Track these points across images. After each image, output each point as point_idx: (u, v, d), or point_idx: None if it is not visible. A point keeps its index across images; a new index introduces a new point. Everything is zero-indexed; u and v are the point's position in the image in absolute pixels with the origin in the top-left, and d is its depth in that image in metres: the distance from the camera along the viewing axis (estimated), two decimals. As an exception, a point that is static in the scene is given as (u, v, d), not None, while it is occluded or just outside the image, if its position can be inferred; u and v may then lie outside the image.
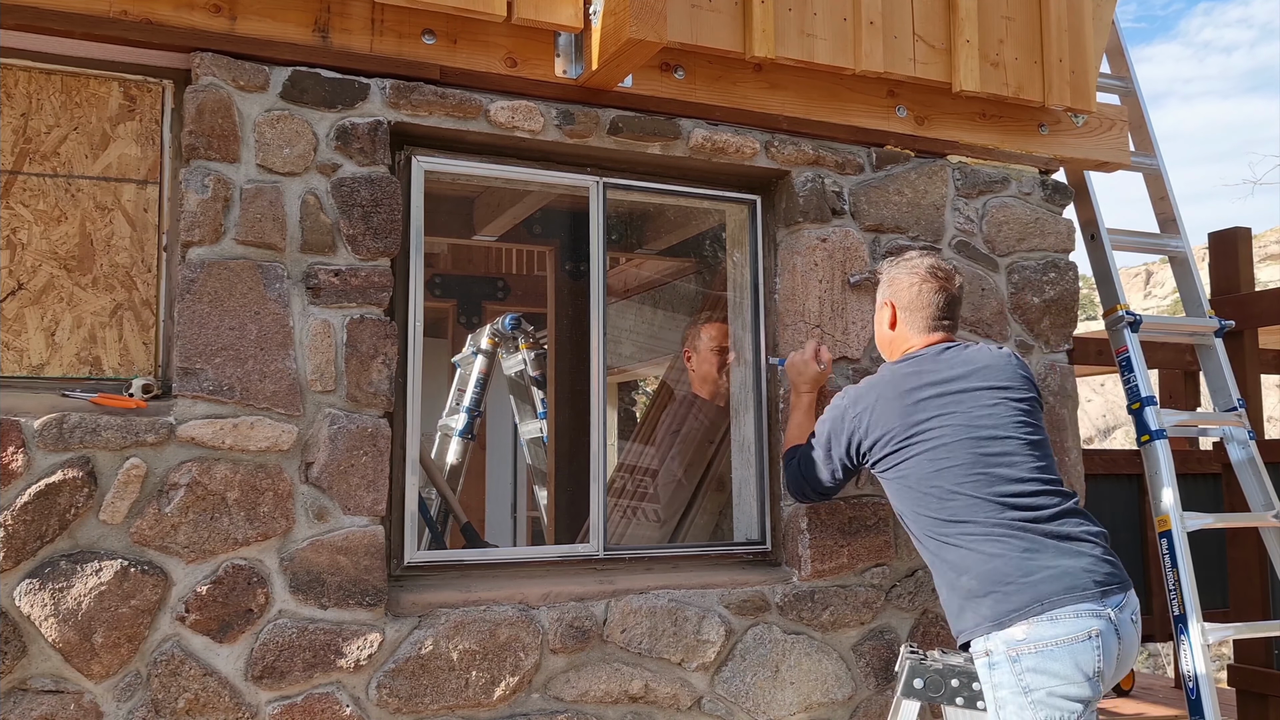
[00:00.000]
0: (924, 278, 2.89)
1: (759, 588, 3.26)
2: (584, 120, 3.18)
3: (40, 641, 2.51)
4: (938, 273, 2.91)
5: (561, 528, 5.01)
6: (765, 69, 3.42)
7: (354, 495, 2.81)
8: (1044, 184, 3.88)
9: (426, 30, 3.01)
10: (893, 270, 2.98)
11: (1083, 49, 3.81)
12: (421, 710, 2.82)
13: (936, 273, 2.91)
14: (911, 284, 2.90)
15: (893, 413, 2.73)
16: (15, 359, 2.73)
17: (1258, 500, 4.01)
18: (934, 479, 2.63)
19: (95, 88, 2.84)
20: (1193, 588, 3.63)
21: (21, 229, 2.75)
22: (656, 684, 3.08)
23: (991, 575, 2.51)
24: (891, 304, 2.94)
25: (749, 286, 3.55)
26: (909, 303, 2.90)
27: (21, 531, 2.49)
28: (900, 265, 2.97)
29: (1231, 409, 4.06)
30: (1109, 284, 4.06)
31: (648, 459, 4.16)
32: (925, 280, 2.89)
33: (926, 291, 2.88)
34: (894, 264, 3.00)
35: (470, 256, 6.96)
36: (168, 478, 2.64)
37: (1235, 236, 5.34)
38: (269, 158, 2.82)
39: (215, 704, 2.63)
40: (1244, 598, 4.99)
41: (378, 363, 2.88)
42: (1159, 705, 6.21)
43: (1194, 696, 3.56)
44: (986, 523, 2.55)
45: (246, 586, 2.69)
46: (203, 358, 2.71)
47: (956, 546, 2.59)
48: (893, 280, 2.96)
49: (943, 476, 2.62)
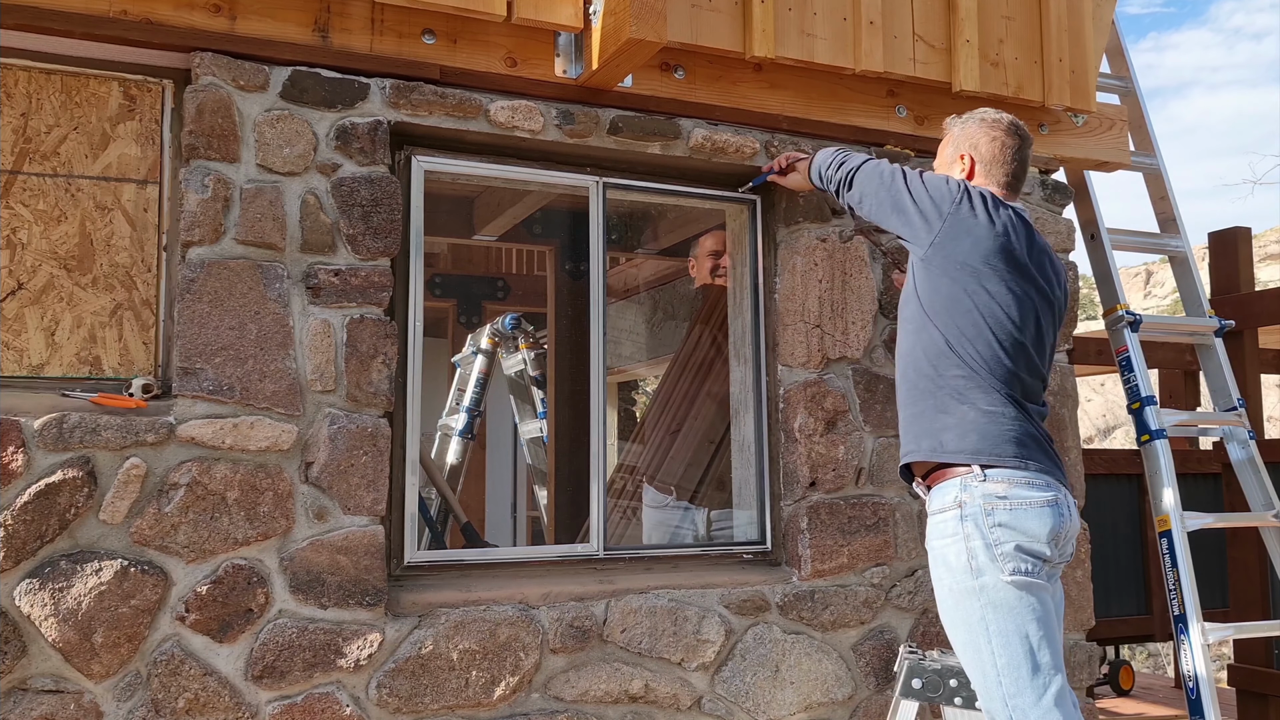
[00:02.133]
0: (1007, 131, 2.79)
1: (759, 587, 3.26)
2: (584, 120, 3.18)
3: (40, 641, 2.51)
4: (1019, 130, 2.81)
5: (561, 527, 5.01)
6: (765, 69, 3.42)
7: (354, 495, 2.81)
8: (1044, 183, 3.88)
9: (426, 30, 3.01)
10: (967, 125, 2.84)
11: (1083, 49, 3.81)
12: (421, 710, 2.82)
13: (1018, 130, 2.81)
14: (994, 138, 2.78)
15: (988, 231, 2.63)
16: (15, 359, 2.73)
17: (1258, 500, 4.01)
18: (976, 339, 2.61)
19: (95, 87, 2.84)
20: (1193, 588, 3.63)
21: (21, 229, 2.75)
22: (656, 684, 3.08)
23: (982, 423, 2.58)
24: (971, 156, 2.80)
25: (749, 286, 3.55)
26: (991, 156, 2.78)
27: (21, 531, 2.49)
28: (975, 120, 2.84)
29: (1231, 409, 4.06)
30: (1109, 284, 4.06)
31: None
32: (1009, 134, 2.79)
33: (1011, 146, 2.78)
34: (966, 120, 2.87)
35: (470, 256, 6.95)
36: (168, 477, 2.64)
37: (1235, 236, 5.34)
38: (269, 157, 2.82)
39: (215, 704, 2.63)
40: (1244, 598, 4.99)
41: (378, 362, 2.88)
42: (1159, 705, 6.22)
43: (1194, 696, 3.56)
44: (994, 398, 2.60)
45: (246, 586, 2.69)
46: (203, 358, 2.71)
47: (957, 398, 2.61)
48: (970, 135, 2.82)
49: (982, 342, 2.60)
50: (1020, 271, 2.65)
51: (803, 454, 3.37)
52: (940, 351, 2.64)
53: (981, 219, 2.63)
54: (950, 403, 2.61)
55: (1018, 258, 2.64)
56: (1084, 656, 3.68)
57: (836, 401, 3.42)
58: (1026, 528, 2.50)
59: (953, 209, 2.64)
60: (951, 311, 2.64)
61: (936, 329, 2.65)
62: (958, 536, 2.53)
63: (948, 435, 2.60)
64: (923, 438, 2.65)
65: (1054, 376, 3.78)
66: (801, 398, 3.39)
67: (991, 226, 2.63)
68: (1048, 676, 2.45)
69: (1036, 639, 2.46)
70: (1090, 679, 3.71)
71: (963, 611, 2.53)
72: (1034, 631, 2.46)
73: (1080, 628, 3.71)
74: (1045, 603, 2.50)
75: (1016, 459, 2.55)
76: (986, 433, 2.56)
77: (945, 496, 2.58)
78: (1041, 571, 2.51)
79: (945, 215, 2.64)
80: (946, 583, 2.57)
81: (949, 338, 2.63)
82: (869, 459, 3.46)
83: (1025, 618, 2.46)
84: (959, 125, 2.87)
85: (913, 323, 2.72)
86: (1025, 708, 2.44)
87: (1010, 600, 2.47)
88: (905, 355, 2.74)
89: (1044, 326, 2.71)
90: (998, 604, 2.48)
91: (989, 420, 2.57)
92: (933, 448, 2.62)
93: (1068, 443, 3.77)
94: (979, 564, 2.49)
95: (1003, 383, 2.60)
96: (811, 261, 3.45)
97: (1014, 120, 2.83)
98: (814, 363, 3.43)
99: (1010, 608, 2.47)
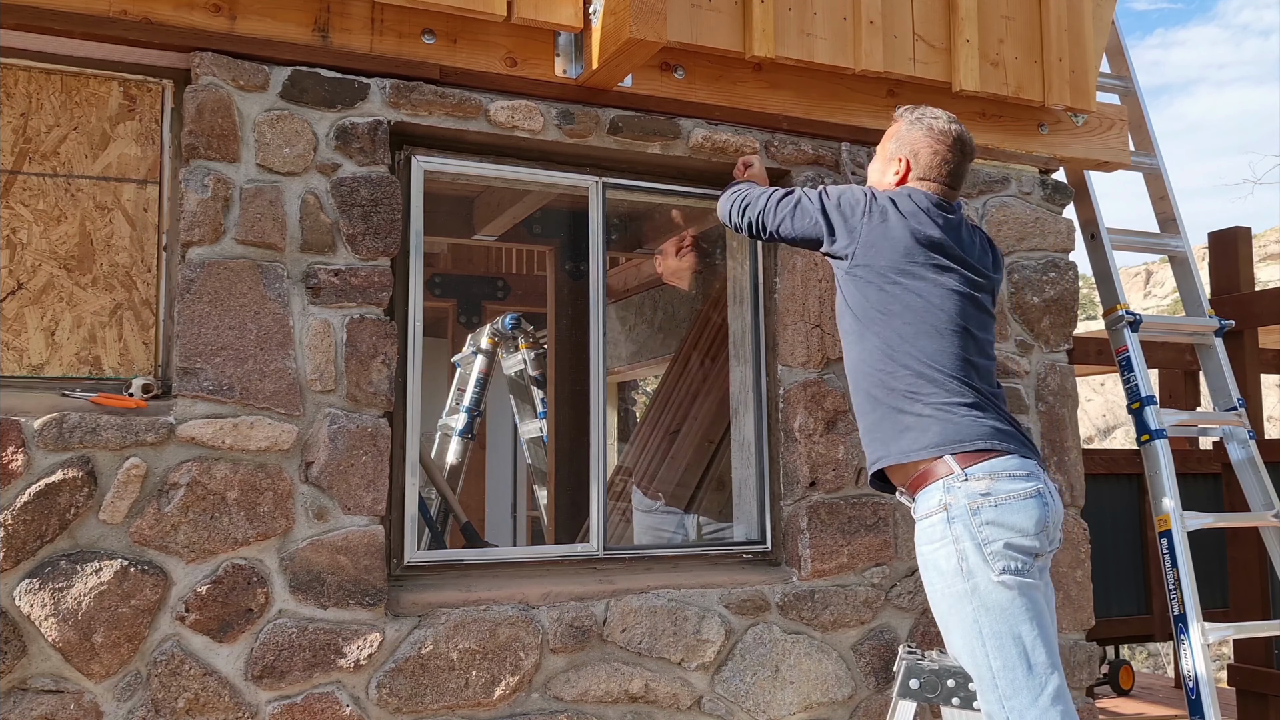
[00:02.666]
0: (951, 146, 2.78)
1: (759, 587, 3.26)
2: (584, 120, 3.18)
3: (40, 641, 2.51)
4: (964, 144, 2.81)
5: (561, 527, 5.01)
6: (765, 69, 3.42)
7: (354, 495, 2.81)
8: (1044, 183, 3.88)
9: (426, 30, 3.01)
10: (914, 128, 2.83)
11: (1083, 48, 3.81)
12: (421, 710, 2.82)
13: (962, 144, 2.81)
14: (935, 150, 2.78)
15: (902, 232, 2.66)
16: (15, 359, 2.73)
17: (1258, 500, 4.01)
18: (916, 337, 2.62)
19: (95, 87, 2.84)
20: (1193, 587, 3.63)
21: (21, 229, 2.75)
22: (656, 684, 3.08)
23: (942, 416, 2.58)
24: (908, 162, 2.81)
25: (749, 286, 3.56)
26: (927, 166, 2.79)
27: (21, 531, 2.49)
28: (924, 124, 2.82)
29: (1231, 409, 4.06)
30: (1109, 283, 4.06)
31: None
32: (952, 149, 2.79)
33: (950, 161, 2.79)
34: (917, 120, 2.84)
35: (470, 256, 6.96)
36: (167, 477, 2.64)
37: (1235, 236, 5.34)
38: (269, 157, 2.82)
39: (215, 704, 2.63)
40: (1244, 597, 4.98)
41: (377, 362, 2.88)
42: (1159, 705, 6.22)
43: (1194, 696, 3.56)
44: (949, 389, 2.60)
45: (246, 586, 2.69)
46: (203, 357, 2.71)
47: (910, 398, 2.62)
48: (914, 140, 2.81)
49: (924, 339, 2.62)
50: (945, 254, 2.68)
51: (803, 454, 3.37)
52: (884, 357, 2.66)
53: (892, 219, 2.68)
54: (905, 403, 2.62)
55: (937, 241, 2.67)
56: (1084, 656, 3.68)
57: (836, 401, 3.42)
58: (1014, 522, 2.49)
59: (864, 220, 2.71)
60: (886, 316, 2.67)
61: (875, 336, 2.68)
62: (946, 540, 2.53)
63: (909, 436, 2.61)
64: (888, 443, 2.66)
65: (1054, 376, 3.78)
66: (801, 397, 3.39)
67: (904, 221, 2.68)
68: (1044, 676, 2.45)
69: (1030, 639, 2.46)
70: (1090, 679, 3.71)
71: (956, 615, 2.53)
72: (1028, 632, 2.46)
73: (1080, 628, 3.71)
74: (1037, 602, 2.50)
75: (990, 450, 2.54)
76: (948, 425, 2.57)
77: (930, 500, 2.58)
78: (1032, 568, 2.51)
79: (858, 228, 2.71)
80: (938, 587, 2.57)
81: (889, 342, 2.66)
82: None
83: (1018, 619, 2.46)
84: (908, 122, 2.86)
85: (851, 334, 2.77)
86: (1023, 708, 2.44)
87: (1002, 602, 2.47)
88: (853, 368, 2.78)
89: (984, 305, 2.74)
90: (990, 606, 2.47)
91: (948, 413, 2.58)
92: (902, 450, 2.63)
93: (1068, 443, 3.77)
94: (969, 566, 2.49)
95: (954, 375, 2.61)
96: (812, 261, 3.45)
97: (961, 133, 2.82)
98: (814, 362, 3.43)
99: (1003, 609, 2.47)
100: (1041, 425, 3.74)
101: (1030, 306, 3.76)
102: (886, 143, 2.90)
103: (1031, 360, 3.75)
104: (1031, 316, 3.77)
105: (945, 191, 2.80)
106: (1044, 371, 3.77)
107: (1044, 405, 3.75)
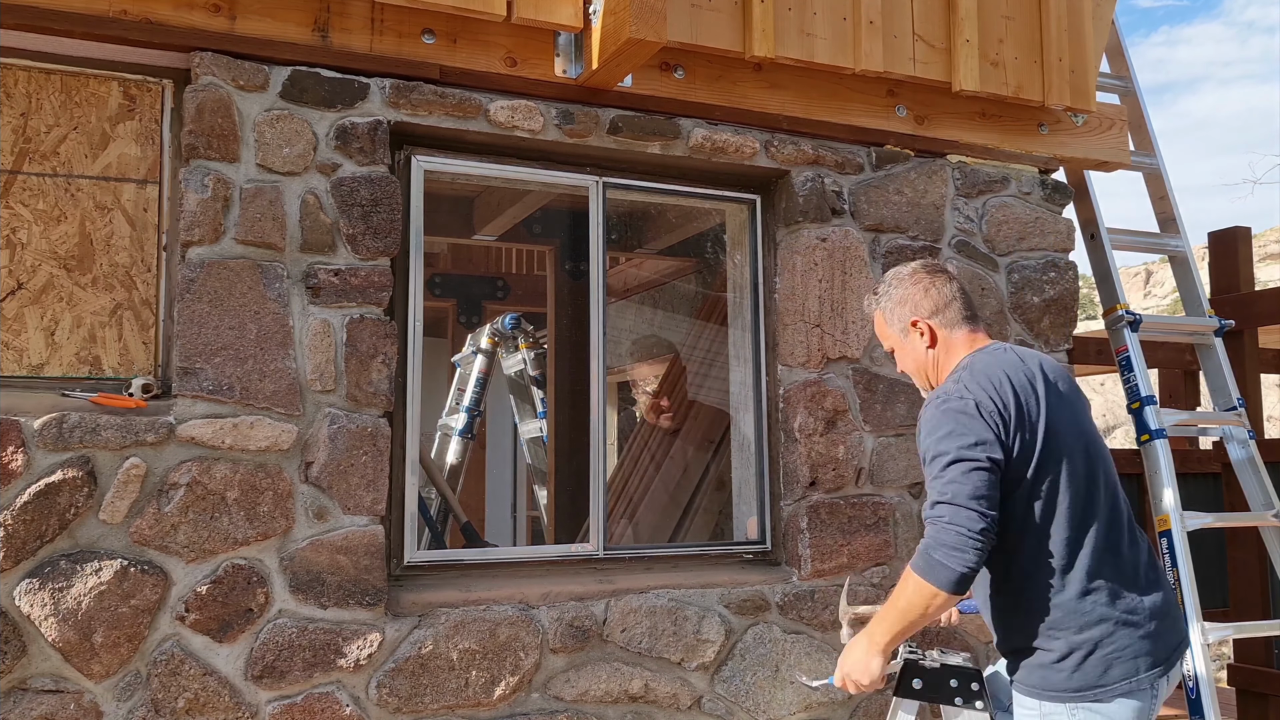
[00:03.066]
0: (931, 274, 2.43)
1: (759, 587, 3.26)
2: (584, 120, 3.18)
3: (40, 641, 2.51)
4: (938, 266, 2.48)
5: (561, 527, 5.01)
6: (765, 69, 3.42)
7: (354, 495, 2.81)
8: (1044, 183, 3.88)
9: (426, 30, 3.01)
10: (891, 294, 2.45)
11: (1082, 48, 3.81)
12: (421, 710, 2.82)
13: (937, 267, 2.47)
14: (925, 288, 2.40)
15: (1019, 406, 2.18)
16: (15, 359, 2.73)
17: (1257, 500, 4.01)
18: (1062, 509, 2.17)
19: (95, 87, 2.84)
20: (1193, 587, 3.63)
21: (21, 229, 2.75)
22: (656, 683, 3.08)
23: (1079, 631, 2.17)
24: (918, 319, 2.39)
25: (749, 286, 3.56)
26: (936, 304, 2.39)
27: (21, 531, 2.49)
28: (893, 286, 2.46)
29: (1231, 408, 4.06)
30: (1109, 283, 4.06)
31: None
32: (932, 276, 2.43)
33: (942, 283, 2.42)
34: (884, 292, 2.48)
35: (470, 256, 6.96)
36: (167, 477, 2.64)
37: (1235, 236, 5.34)
38: (269, 157, 2.82)
39: (215, 703, 2.63)
40: (1244, 597, 4.98)
41: (377, 362, 2.88)
42: (1159, 705, 6.20)
43: (1194, 696, 3.56)
44: (1088, 568, 2.18)
45: (246, 586, 2.69)
46: (202, 357, 2.71)
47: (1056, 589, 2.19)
48: (901, 300, 2.42)
49: (1069, 507, 2.17)
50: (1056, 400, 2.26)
51: (803, 454, 3.37)
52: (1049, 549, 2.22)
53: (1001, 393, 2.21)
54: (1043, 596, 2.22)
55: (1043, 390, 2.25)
56: (1084, 656, 3.68)
57: (836, 401, 3.42)
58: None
59: (993, 412, 2.18)
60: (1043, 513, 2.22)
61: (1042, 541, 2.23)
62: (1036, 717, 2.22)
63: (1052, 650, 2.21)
64: (1013, 631, 2.30)
65: (1054, 376, 3.78)
66: (801, 397, 3.39)
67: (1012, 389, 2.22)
68: None
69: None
70: (1090, 679, 3.71)
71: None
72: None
73: (1080, 627, 3.70)
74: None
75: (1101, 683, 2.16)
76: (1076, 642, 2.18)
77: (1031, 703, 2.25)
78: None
79: (1006, 423, 2.19)
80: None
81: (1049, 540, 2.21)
82: (869, 459, 3.46)
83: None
84: (885, 299, 2.47)
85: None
86: None
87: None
88: None
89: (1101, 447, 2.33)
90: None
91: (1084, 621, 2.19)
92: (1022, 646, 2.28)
93: (1068, 442, 3.77)
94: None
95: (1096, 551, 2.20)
96: (811, 261, 3.45)
97: (924, 261, 2.51)
98: (814, 362, 3.43)
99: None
100: (1041, 425, 3.73)
101: (1030, 306, 3.76)
102: (886, 332, 2.49)
103: (1031, 360, 3.75)
104: (1031, 316, 3.76)
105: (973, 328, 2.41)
106: (1044, 371, 3.77)
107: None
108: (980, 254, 3.71)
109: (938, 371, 2.41)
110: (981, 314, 3.35)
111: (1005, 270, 3.75)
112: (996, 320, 3.70)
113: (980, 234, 3.73)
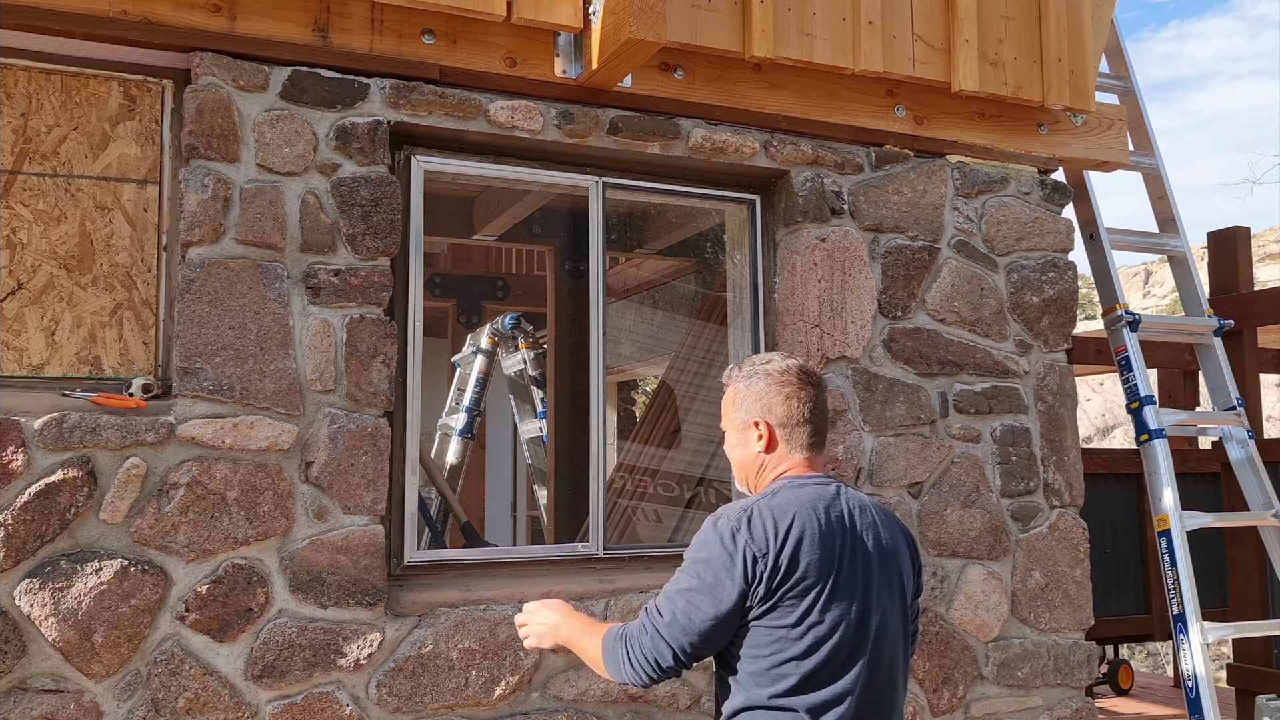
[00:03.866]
0: (800, 383, 2.24)
1: (758, 587, 3.26)
2: (583, 120, 3.19)
3: (40, 641, 2.51)
4: (811, 377, 2.28)
5: (561, 527, 5.01)
6: (765, 69, 3.42)
7: (354, 494, 2.81)
8: (1043, 183, 3.89)
9: (426, 30, 3.01)
10: (753, 383, 2.26)
11: (1082, 49, 3.82)
12: (421, 709, 2.82)
13: (810, 377, 2.27)
14: (788, 395, 2.23)
15: (814, 546, 2.07)
16: (15, 359, 2.73)
17: (1257, 500, 4.02)
18: (815, 657, 2.05)
19: (95, 87, 2.84)
20: (1192, 587, 3.64)
21: (21, 229, 2.76)
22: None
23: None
24: (766, 423, 2.22)
25: (748, 286, 3.56)
26: (787, 417, 2.23)
27: (21, 531, 2.49)
28: (760, 374, 2.27)
29: (1230, 408, 4.07)
30: (1108, 283, 4.07)
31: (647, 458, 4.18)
32: (802, 386, 2.24)
33: (808, 400, 2.24)
34: (750, 375, 2.29)
35: (470, 256, 6.96)
36: (168, 477, 2.64)
37: (1234, 236, 5.35)
38: (269, 157, 2.83)
39: (215, 703, 2.63)
40: (1243, 597, 4.99)
41: (377, 362, 2.88)
42: (1158, 705, 6.22)
43: (1193, 696, 3.57)
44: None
45: (246, 586, 2.69)
46: (203, 357, 2.71)
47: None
48: (759, 395, 2.24)
49: (828, 660, 2.05)
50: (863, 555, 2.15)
51: (802, 453, 3.36)
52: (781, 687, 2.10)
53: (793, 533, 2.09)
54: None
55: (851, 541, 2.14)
56: (1083, 656, 3.68)
57: (835, 401, 3.42)
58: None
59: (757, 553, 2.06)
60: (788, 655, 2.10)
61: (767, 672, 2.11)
62: None
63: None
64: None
65: (1053, 376, 3.79)
66: (801, 397, 3.39)
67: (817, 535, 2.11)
68: None
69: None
70: (1089, 678, 3.72)
71: None
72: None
73: (1079, 627, 3.71)
74: None
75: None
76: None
77: None
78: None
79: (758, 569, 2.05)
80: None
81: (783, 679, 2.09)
82: (868, 458, 3.46)
83: None
84: (744, 381, 2.29)
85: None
86: None
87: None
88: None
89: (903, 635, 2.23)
90: None
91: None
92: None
93: (1067, 442, 3.77)
94: None
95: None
96: (811, 261, 3.45)
97: (802, 367, 2.29)
98: (814, 362, 3.43)
99: None
100: (1040, 425, 3.74)
101: (1029, 306, 3.76)
102: (731, 413, 2.31)
103: (1030, 360, 3.76)
104: (1030, 316, 3.77)
105: (813, 455, 2.27)
106: (1043, 371, 3.77)
107: (1043, 405, 3.75)
108: (979, 254, 3.72)
109: (759, 479, 2.27)
110: (978, 315, 3.34)
111: (1004, 270, 3.76)
112: (995, 320, 3.70)
113: (979, 234, 3.73)
